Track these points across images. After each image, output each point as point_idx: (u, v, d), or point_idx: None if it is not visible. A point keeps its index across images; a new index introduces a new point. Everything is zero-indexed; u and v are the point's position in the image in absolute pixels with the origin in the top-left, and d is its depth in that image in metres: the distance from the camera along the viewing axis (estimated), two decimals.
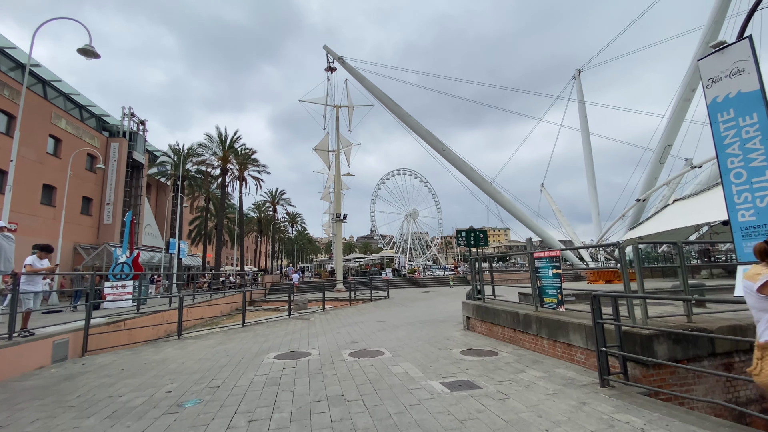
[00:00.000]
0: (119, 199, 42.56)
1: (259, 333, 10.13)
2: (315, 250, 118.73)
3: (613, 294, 4.84)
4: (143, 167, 42.98)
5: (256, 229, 60.38)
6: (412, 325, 10.55)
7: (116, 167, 41.73)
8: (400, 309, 15.23)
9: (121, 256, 14.78)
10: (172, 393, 5.01)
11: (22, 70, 27.83)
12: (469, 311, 9.15)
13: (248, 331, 10.66)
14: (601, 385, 4.65)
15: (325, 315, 14.06)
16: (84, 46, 11.51)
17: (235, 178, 36.87)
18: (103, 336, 8.69)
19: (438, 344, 7.66)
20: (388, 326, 10.49)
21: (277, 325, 11.76)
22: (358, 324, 11.21)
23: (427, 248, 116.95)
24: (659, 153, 46.86)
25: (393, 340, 8.38)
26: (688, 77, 41.77)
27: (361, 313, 14.14)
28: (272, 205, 56.96)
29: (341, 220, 30.17)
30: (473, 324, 9.02)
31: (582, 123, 56.22)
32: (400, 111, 48.53)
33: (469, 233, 9.93)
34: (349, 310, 15.36)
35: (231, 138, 31.01)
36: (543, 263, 6.67)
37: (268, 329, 10.83)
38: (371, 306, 17.01)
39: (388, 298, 20.26)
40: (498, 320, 7.84)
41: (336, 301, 19.90)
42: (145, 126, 46.51)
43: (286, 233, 73.79)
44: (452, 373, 5.45)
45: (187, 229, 50.52)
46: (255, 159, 35.90)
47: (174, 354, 7.70)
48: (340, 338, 8.88)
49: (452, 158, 48.94)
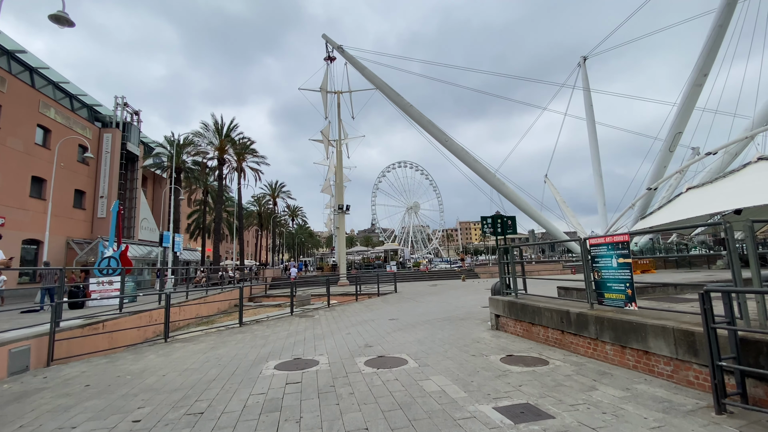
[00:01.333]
0: (113, 192, 41.26)
1: (258, 334, 8.94)
2: (316, 244, 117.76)
3: (729, 288, 3.60)
4: (138, 159, 41.69)
5: (256, 223, 59.17)
6: (430, 323, 9.35)
7: (110, 159, 40.39)
8: (412, 304, 14.04)
9: (107, 249, 13.57)
10: (139, 424, 3.80)
11: (7, 57, 26.39)
12: (499, 308, 7.93)
13: (246, 331, 9.47)
14: (718, 411, 3.43)
15: (331, 312, 12.89)
16: (56, 12, 10.17)
17: (233, 169, 35.53)
18: (76, 342, 7.50)
19: (469, 348, 6.46)
20: (403, 325, 9.30)
21: (278, 324, 10.57)
22: (369, 323, 10.02)
23: (428, 241, 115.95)
24: (669, 141, 45.41)
25: (413, 342, 7.17)
26: (702, 61, 40.21)
27: (370, 310, 12.96)
28: (272, 198, 55.66)
29: (344, 211, 28.91)
30: (504, 323, 7.81)
31: (587, 111, 54.74)
32: (402, 101, 47.04)
33: (496, 219, 8.68)
34: (357, 306, 14.19)
35: (227, 126, 29.65)
36: (603, 251, 5.42)
37: (268, 329, 9.64)
38: (379, 301, 15.84)
39: (395, 293, 19.11)
40: (539, 320, 6.62)
41: (341, 296, 18.74)
42: (140, 116, 45.03)
43: (286, 227, 72.60)
44: (503, 392, 4.23)
45: (185, 223, 49.35)
46: (253, 149, 34.55)
47: (156, 363, 6.50)
48: (351, 341, 7.68)
49: (455, 149, 47.62)
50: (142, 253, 33.85)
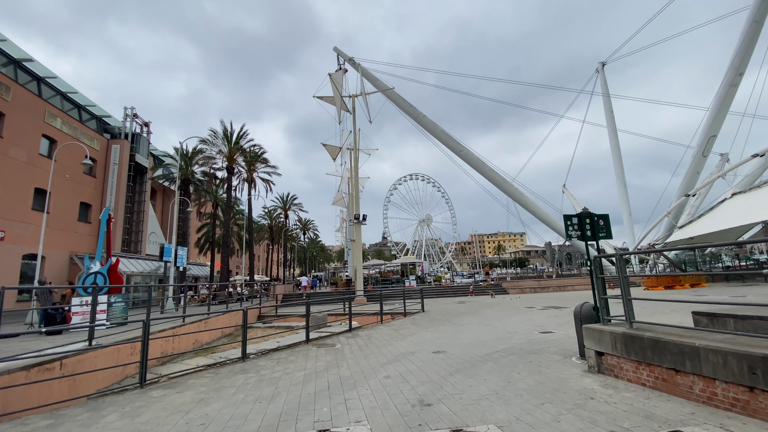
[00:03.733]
0: (120, 205, 40.09)
1: (265, 376, 6.73)
2: (327, 258, 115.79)
3: None
4: (147, 171, 40.64)
5: (267, 237, 57.49)
6: (493, 360, 7.02)
7: (117, 171, 39.37)
8: (451, 329, 11.67)
9: (93, 264, 11.64)
10: None
11: (14, 66, 25.54)
12: (604, 343, 5.59)
13: (250, 369, 7.26)
14: None
15: (354, 338, 10.61)
16: None
17: (244, 180, 33.95)
18: (19, 391, 5.41)
19: (584, 410, 4.14)
20: (458, 363, 6.98)
21: (291, 356, 8.35)
22: (409, 357, 7.72)
23: (441, 254, 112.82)
24: (703, 145, 42.48)
25: (492, 399, 4.87)
26: (739, 60, 37.57)
27: (403, 336, 10.65)
28: (284, 211, 54.01)
29: (360, 221, 26.79)
30: (615, 365, 5.45)
31: (608, 117, 52.36)
32: (415, 111, 45.50)
33: (584, 219, 6.41)
34: (383, 331, 11.88)
35: (237, 134, 28.12)
36: None
37: (279, 366, 7.43)
38: (408, 323, 13.49)
39: (423, 312, 16.73)
40: (696, 366, 4.27)
41: (360, 316, 16.45)
42: (149, 128, 44.28)
43: (298, 241, 70.83)
44: None
45: (195, 237, 47.87)
46: (265, 158, 32.94)
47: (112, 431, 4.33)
48: (395, 391, 5.41)
49: (470, 159, 45.63)
50: (149, 268, 32.17)
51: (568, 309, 15.45)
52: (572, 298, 21.57)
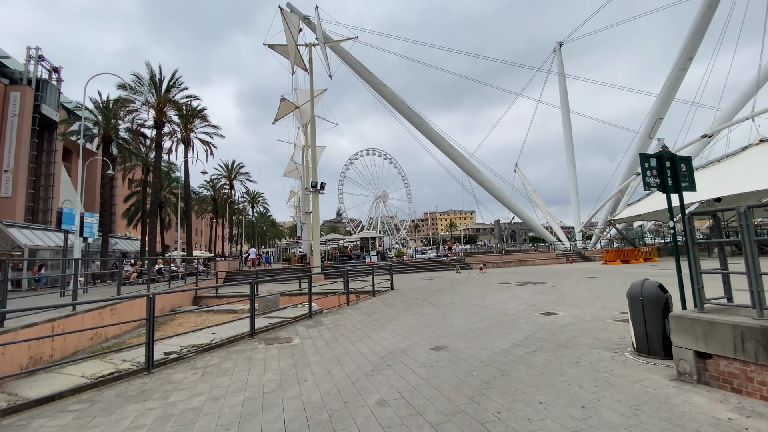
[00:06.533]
0: (23, 165, 33.38)
1: (175, 408, 4.07)
2: (279, 234, 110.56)
3: None
4: (57, 126, 33.90)
5: (211, 210, 52.03)
6: (522, 361, 4.98)
7: (17, 123, 32.48)
8: (436, 311, 9.63)
9: None
10: None
11: None
12: (716, 340, 3.69)
13: (153, 392, 4.55)
14: None
15: (317, 328, 8.17)
16: None
17: (178, 141, 29.07)
18: None
19: None
20: (474, 367, 4.84)
21: (226, 363, 5.74)
22: (400, 359, 5.47)
23: (396, 231, 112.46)
24: (649, 127, 44.27)
25: None
26: (692, 45, 38.70)
27: (379, 323, 8.39)
28: (228, 180, 48.83)
29: (318, 190, 23.81)
30: (734, 374, 3.58)
31: (562, 98, 53.00)
32: (374, 79, 42.62)
33: (664, 161, 4.42)
34: (353, 316, 9.54)
35: (168, 81, 23.25)
36: None
37: (204, 383, 4.81)
38: (380, 304, 11.29)
39: (392, 290, 14.67)
40: None
41: (319, 296, 13.95)
42: (60, 74, 36.88)
43: (246, 214, 65.56)
44: None
45: (123, 207, 41.65)
46: (204, 115, 28.25)
47: None
48: None
49: (430, 133, 44.24)
50: (59, 242, 26.85)
51: (547, 284, 14.27)
52: (540, 272, 20.82)
